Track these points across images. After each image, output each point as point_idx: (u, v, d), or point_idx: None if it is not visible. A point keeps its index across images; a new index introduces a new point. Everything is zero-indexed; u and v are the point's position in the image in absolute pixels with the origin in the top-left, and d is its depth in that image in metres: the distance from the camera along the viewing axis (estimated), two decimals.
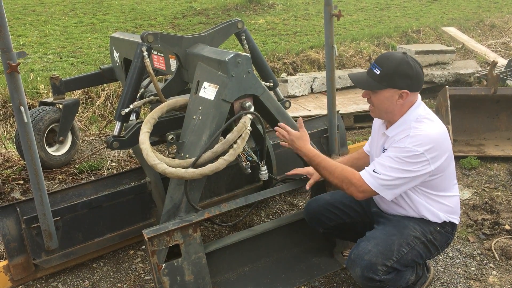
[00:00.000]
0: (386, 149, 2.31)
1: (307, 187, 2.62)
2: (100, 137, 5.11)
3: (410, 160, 2.14)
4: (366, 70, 2.34)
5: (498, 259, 2.87)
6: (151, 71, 2.88)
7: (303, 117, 4.84)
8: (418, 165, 2.15)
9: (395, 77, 2.21)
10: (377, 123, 2.54)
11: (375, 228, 2.41)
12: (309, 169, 2.64)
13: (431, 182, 2.26)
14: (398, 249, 2.25)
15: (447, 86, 4.39)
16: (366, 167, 2.28)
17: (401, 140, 2.20)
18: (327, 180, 2.38)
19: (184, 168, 2.36)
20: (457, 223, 2.41)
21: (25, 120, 2.32)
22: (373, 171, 2.21)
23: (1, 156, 4.43)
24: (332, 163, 2.36)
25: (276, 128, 2.58)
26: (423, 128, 2.19)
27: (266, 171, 2.73)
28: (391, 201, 2.33)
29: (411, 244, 2.28)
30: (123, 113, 2.90)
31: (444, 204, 2.33)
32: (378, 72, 2.23)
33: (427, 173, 2.19)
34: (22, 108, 2.30)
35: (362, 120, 5.13)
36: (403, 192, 2.25)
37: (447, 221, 2.35)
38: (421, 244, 2.31)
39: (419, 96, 2.35)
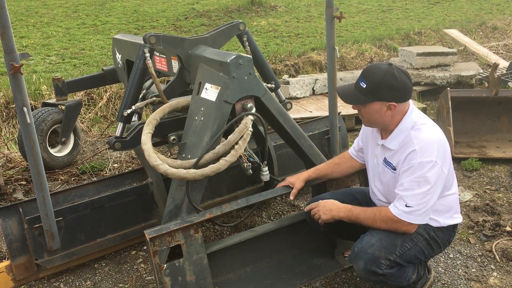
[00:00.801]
0: (391, 163, 2.31)
1: (291, 197, 2.66)
2: (102, 138, 5.13)
3: (429, 172, 2.15)
4: (354, 83, 2.34)
5: (499, 260, 2.88)
6: (153, 73, 2.89)
7: (304, 118, 4.86)
8: (436, 175, 2.17)
9: (381, 90, 2.21)
10: (366, 133, 2.56)
11: None
12: (290, 179, 2.70)
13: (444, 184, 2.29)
14: (401, 244, 2.27)
15: (448, 88, 4.40)
16: (396, 203, 2.24)
17: (409, 156, 2.20)
18: (372, 227, 2.34)
19: (185, 169, 2.38)
20: (459, 222, 2.42)
21: (28, 121, 2.33)
22: (406, 206, 2.19)
23: (4, 156, 4.45)
24: (369, 211, 2.33)
25: (311, 212, 2.53)
26: (423, 137, 2.21)
27: (268, 172, 2.74)
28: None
29: (414, 240, 2.30)
30: (125, 114, 2.91)
31: (448, 201, 2.35)
32: (364, 85, 2.23)
33: (444, 177, 2.22)
34: (25, 109, 2.31)
35: None
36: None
37: (445, 226, 2.36)
38: (424, 241, 2.33)
39: (411, 102, 2.34)
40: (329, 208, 2.42)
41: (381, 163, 2.39)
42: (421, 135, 2.22)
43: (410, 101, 2.34)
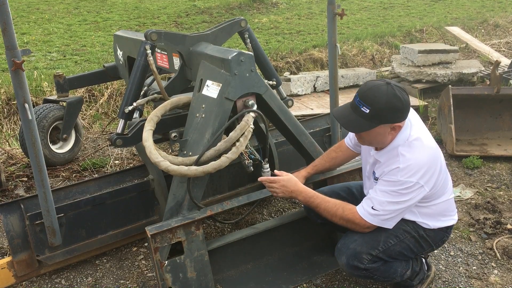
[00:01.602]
0: (377, 177, 2.29)
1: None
2: (104, 135, 5.13)
3: (406, 191, 2.14)
4: (348, 103, 2.23)
5: (499, 258, 2.88)
6: (155, 69, 2.89)
7: (305, 115, 4.86)
8: (414, 193, 2.16)
9: (386, 114, 2.12)
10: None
11: None
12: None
13: (425, 195, 2.25)
14: (385, 240, 2.28)
15: (450, 86, 4.39)
16: (363, 203, 2.24)
17: (392, 172, 2.16)
18: (329, 220, 2.34)
19: (187, 166, 2.38)
20: (453, 224, 2.41)
21: (30, 117, 2.34)
22: (372, 208, 2.19)
23: (5, 153, 4.46)
24: (332, 203, 2.31)
25: (264, 183, 2.49)
26: (411, 156, 2.15)
27: (269, 169, 2.74)
28: None
29: (399, 237, 2.30)
30: (126, 111, 2.91)
31: (437, 207, 2.33)
32: (367, 111, 2.12)
33: (422, 196, 2.20)
34: (26, 105, 2.32)
35: None
36: (402, 216, 2.27)
37: (436, 228, 2.36)
38: (412, 238, 2.33)
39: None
40: (289, 189, 2.39)
41: (371, 175, 2.39)
42: (409, 154, 2.15)
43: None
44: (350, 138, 2.67)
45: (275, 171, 2.54)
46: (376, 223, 2.22)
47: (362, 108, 2.13)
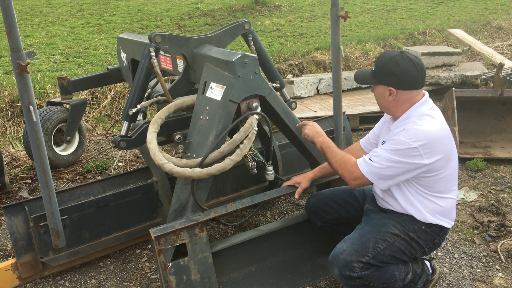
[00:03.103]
0: (384, 141, 2.36)
1: (296, 196, 2.67)
2: (107, 137, 5.14)
3: (404, 152, 2.19)
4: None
5: (504, 261, 2.87)
6: (159, 72, 2.90)
7: (308, 118, 4.86)
8: (412, 159, 2.19)
9: (382, 74, 2.31)
10: (384, 120, 2.57)
11: (355, 228, 2.45)
12: (296, 179, 2.72)
13: (426, 180, 2.28)
14: (373, 245, 2.28)
15: (453, 88, 4.39)
16: (363, 156, 2.35)
17: (397, 133, 2.26)
18: (328, 163, 2.49)
19: (191, 168, 2.38)
20: (447, 226, 2.40)
21: (34, 119, 2.34)
22: (369, 159, 2.27)
23: (9, 155, 4.47)
24: (339, 150, 2.48)
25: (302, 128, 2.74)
26: (420, 124, 2.22)
27: (272, 172, 2.74)
28: (384, 191, 2.39)
29: (388, 241, 2.30)
30: (130, 113, 2.91)
31: (437, 204, 2.33)
32: (373, 68, 2.36)
33: (422, 166, 2.21)
34: (31, 107, 2.32)
35: (368, 122, 5.13)
36: (396, 183, 2.29)
37: (433, 223, 2.35)
38: (402, 241, 2.32)
39: (426, 94, 2.36)
40: (315, 130, 2.62)
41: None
42: (419, 122, 2.23)
43: (426, 94, 2.36)
44: (368, 137, 2.70)
45: (303, 121, 2.74)
46: (366, 173, 2.26)
47: (372, 67, 2.40)
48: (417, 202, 2.32)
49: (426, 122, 2.23)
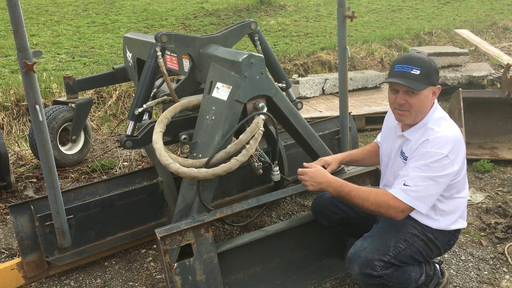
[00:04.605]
0: (404, 153, 2.30)
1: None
2: (112, 136, 5.15)
3: (436, 164, 2.13)
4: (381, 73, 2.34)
5: (511, 263, 2.84)
6: (165, 71, 2.89)
7: (314, 118, 4.84)
8: (445, 169, 2.14)
9: (432, 74, 2.20)
10: (390, 122, 2.52)
11: (373, 227, 2.42)
12: (327, 158, 2.61)
13: (450, 185, 2.25)
14: (395, 245, 2.26)
15: (460, 89, 4.36)
16: (394, 184, 2.23)
17: (421, 145, 2.18)
18: (361, 208, 2.30)
19: (197, 168, 2.37)
20: (462, 227, 2.39)
21: (40, 118, 2.34)
22: (404, 184, 2.16)
23: (15, 154, 4.48)
24: (363, 189, 2.29)
25: (298, 177, 2.48)
26: (440, 130, 2.19)
27: (278, 172, 2.73)
28: None
29: (408, 241, 2.28)
30: (136, 112, 2.91)
31: (456, 203, 2.32)
32: (418, 72, 2.17)
33: (454, 174, 2.19)
34: (37, 106, 2.32)
35: (373, 122, 5.11)
36: (434, 201, 2.23)
37: (445, 230, 2.33)
38: (421, 242, 2.30)
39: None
40: (318, 180, 2.36)
41: (398, 155, 2.37)
42: (438, 128, 2.20)
43: None
44: (377, 139, 2.68)
45: (304, 163, 2.51)
46: (409, 201, 2.15)
47: (412, 71, 2.17)
48: (438, 210, 2.30)
49: (443, 127, 2.21)
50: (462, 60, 6.30)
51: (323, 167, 2.53)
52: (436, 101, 2.31)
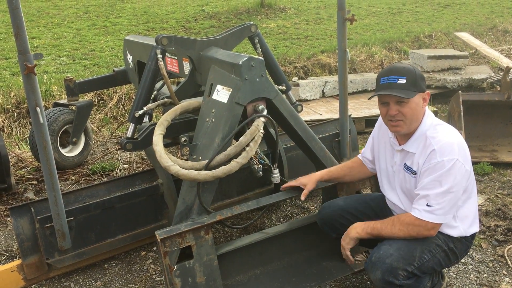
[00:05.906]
0: (411, 167, 2.27)
1: (302, 197, 2.61)
2: (112, 138, 5.15)
3: (451, 170, 2.12)
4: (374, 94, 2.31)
5: (511, 265, 2.85)
6: (165, 74, 2.90)
7: (314, 121, 4.85)
8: (459, 173, 2.13)
9: (419, 81, 2.21)
10: (381, 137, 2.51)
11: None
12: (302, 179, 2.66)
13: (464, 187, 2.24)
14: (420, 255, 2.22)
15: (460, 92, 4.37)
16: (415, 205, 2.20)
17: (429, 157, 2.17)
18: (394, 237, 2.25)
19: (197, 170, 2.38)
20: (477, 230, 2.38)
21: (41, 121, 2.35)
22: (427, 205, 2.15)
23: (15, 156, 4.49)
24: (386, 223, 2.27)
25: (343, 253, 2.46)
26: (441, 135, 2.19)
27: (278, 174, 2.73)
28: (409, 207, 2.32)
29: (433, 252, 2.25)
30: (136, 115, 2.92)
31: (473, 207, 2.31)
32: (404, 81, 2.19)
33: (467, 175, 2.18)
34: (38, 109, 2.33)
35: (373, 125, 5.04)
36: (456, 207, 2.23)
37: (466, 235, 2.32)
38: (443, 253, 2.28)
39: None
40: (350, 236, 2.36)
41: (402, 169, 2.34)
42: (438, 135, 2.19)
43: None
44: (363, 155, 2.67)
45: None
46: (437, 220, 2.14)
47: (399, 81, 2.19)
48: (458, 217, 2.28)
49: (442, 133, 2.20)
50: (462, 63, 6.31)
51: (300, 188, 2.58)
52: (427, 108, 2.30)
